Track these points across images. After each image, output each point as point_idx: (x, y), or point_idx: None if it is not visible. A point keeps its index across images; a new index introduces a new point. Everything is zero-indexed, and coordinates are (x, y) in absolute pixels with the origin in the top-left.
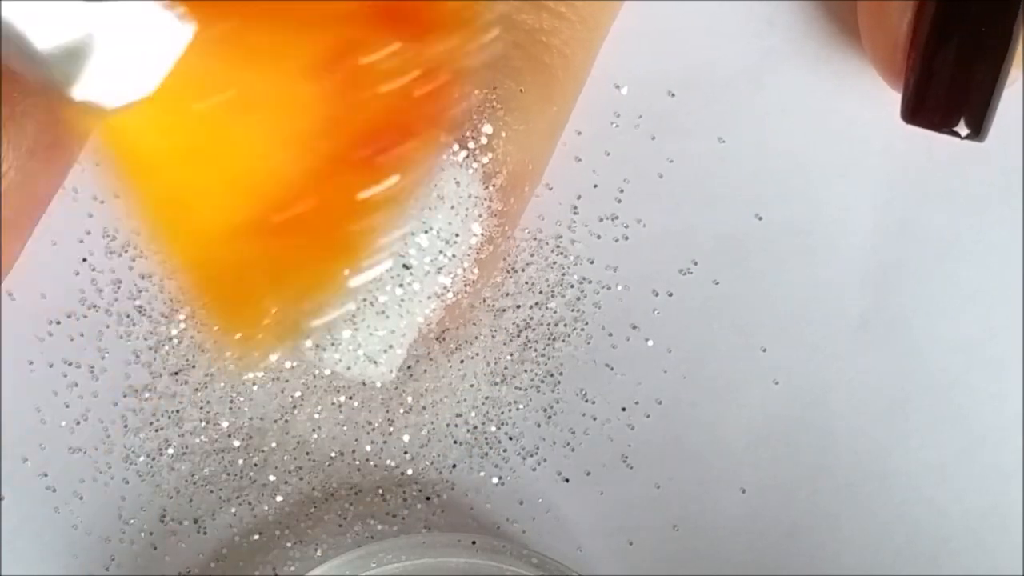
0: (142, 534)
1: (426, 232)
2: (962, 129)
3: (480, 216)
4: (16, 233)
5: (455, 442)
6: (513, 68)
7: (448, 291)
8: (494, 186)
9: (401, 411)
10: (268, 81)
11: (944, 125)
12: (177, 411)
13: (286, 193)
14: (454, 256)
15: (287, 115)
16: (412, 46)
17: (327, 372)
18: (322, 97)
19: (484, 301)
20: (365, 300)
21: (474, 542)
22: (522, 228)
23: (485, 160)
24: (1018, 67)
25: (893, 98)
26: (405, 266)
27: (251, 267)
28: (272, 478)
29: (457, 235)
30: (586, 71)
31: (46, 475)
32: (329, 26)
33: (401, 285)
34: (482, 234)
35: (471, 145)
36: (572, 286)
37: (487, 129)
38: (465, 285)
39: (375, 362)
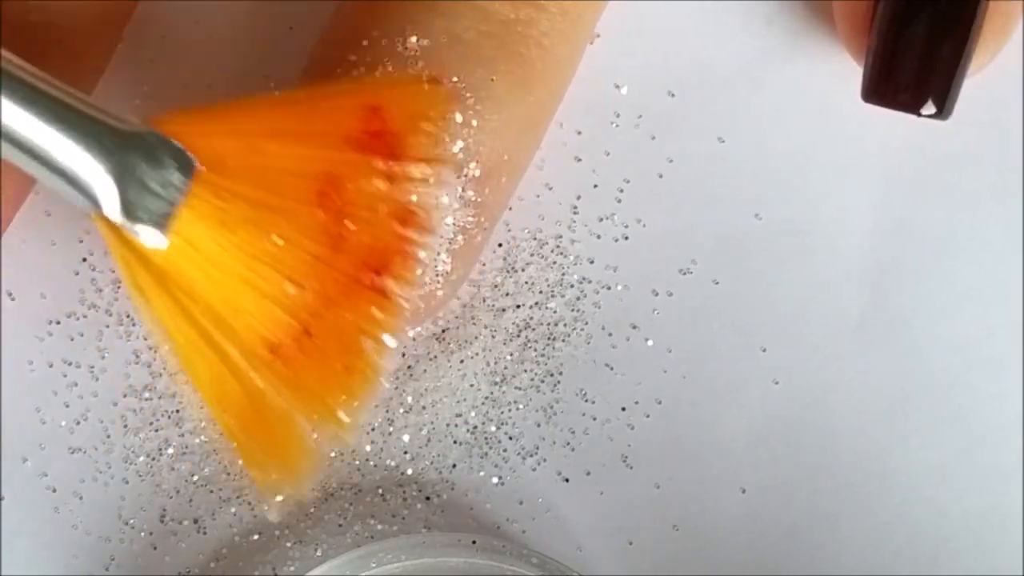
0: (142, 534)
1: None
2: (927, 108)
3: (454, 208)
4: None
5: (455, 442)
6: (484, 57)
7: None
8: (466, 175)
9: (401, 411)
10: (282, 205)
11: (912, 105)
12: (177, 411)
13: (304, 316)
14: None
15: (302, 238)
16: (398, 169)
17: None
18: (328, 219)
19: (484, 301)
20: None
21: (474, 542)
22: (522, 228)
23: (455, 149)
24: (987, 47)
25: None
26: None
27: (276, 393)
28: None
29: None
30: (571, 63)
31: (46, 475)
32: (329, 149)
33: None
34: (454, 224)
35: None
36: (572, 286)
37: (457, 117)
38: (437, 275)
39: None
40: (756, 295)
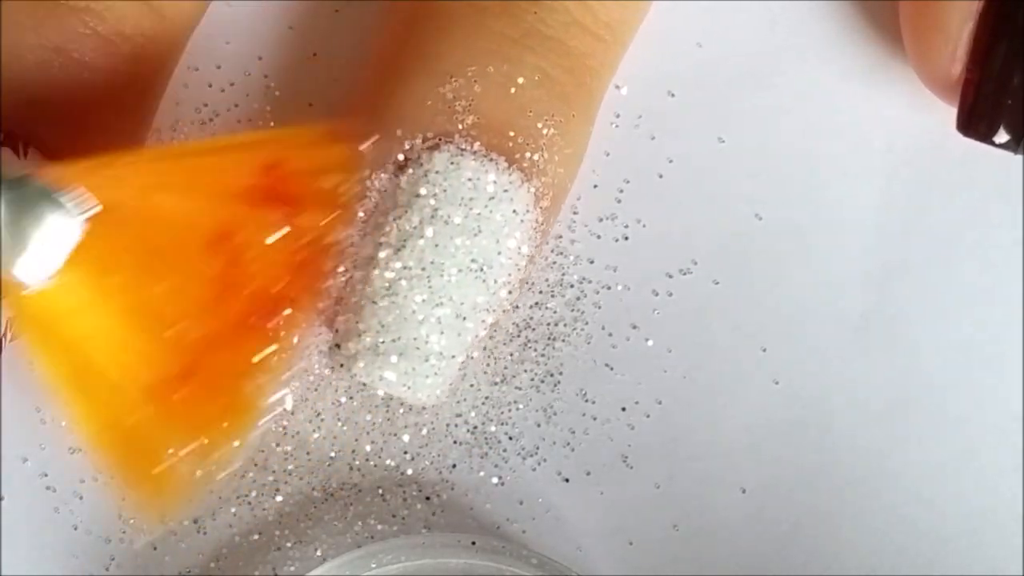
0: (142, 534)
1: (499, 253)
2: (999, 137)
3: (530, 239)
4: None
5: (455, 442)
6: (566, 94)
7: (495, 311)
8: (541, 207)
9: (401, 411)
10: (170, 254)
11: (987, 136)
12: None
13: (186, 358)
14: (509, 275)
15: (188, 284)
16: (293, 222)
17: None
18: (217, 268)
19: None
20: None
21: (474, 542)
22: None
23: (539, 184)
24: None
25: (894, 99)
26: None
27: (154, 429)
28: (272, 478)
29: (510, 258)
30: (609, 86)
31: (46, 475)
32: (221, 203)
33: (463, 302)
34: (529, 255)
35: (527, 169)
36: (572, 286)
37: (544, 155)
38: (510, 304)
39: (423, 383)
40: (756, 295)
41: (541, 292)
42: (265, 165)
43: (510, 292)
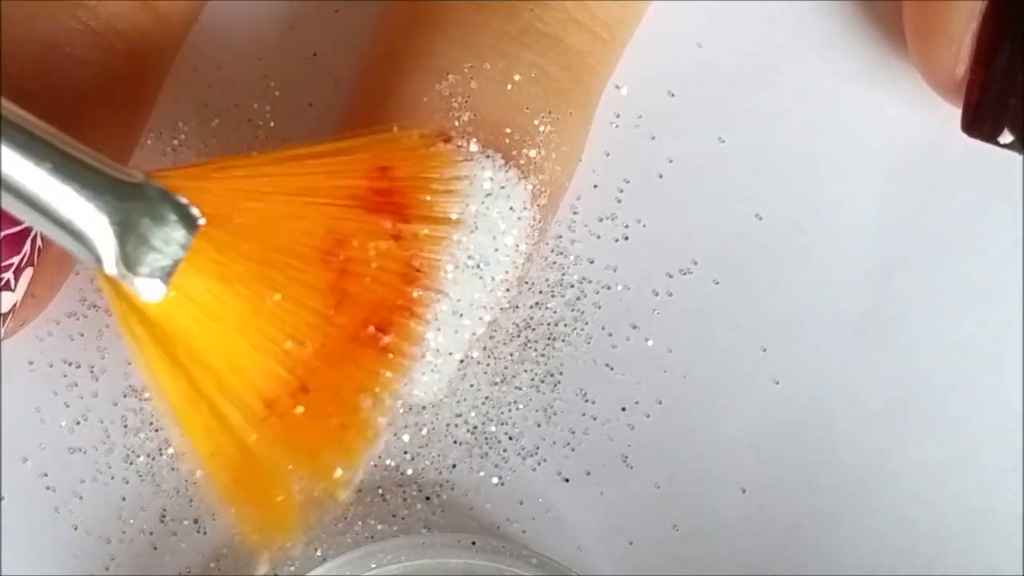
0: (142, 534)
1: (496, 250)
2: (1004, 137)
3: (527, 236)
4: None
5: (455, 442)
6: (563, 91)
7: (493, 309)
8: (539, 205)
9: (401, 411)
10: (284, 262)
11: (992, 136)
12: None
13: (301, 373)
14: (507, 272)
15: (303, 295)
16: (404, 229)
17: None
18: (332, 277)
19: None
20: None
21: (474, 542)
22: None
23: (536, 181)
24: None
25: (894, 99)
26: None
27: (270, 449)
28: None
29: (508, 255)
30: (608, 85)
31: (46, 475)
32: (335, 208)
33: (461, 299)
34: (527, 253)
35: (524, 167)
36: (572, 286)
37: (541, 152)
38: (508, 302)
39: (421, 380)
40: (756, 295)
41: (541, 292)
42: (378, 167)
43: (508, 290)
